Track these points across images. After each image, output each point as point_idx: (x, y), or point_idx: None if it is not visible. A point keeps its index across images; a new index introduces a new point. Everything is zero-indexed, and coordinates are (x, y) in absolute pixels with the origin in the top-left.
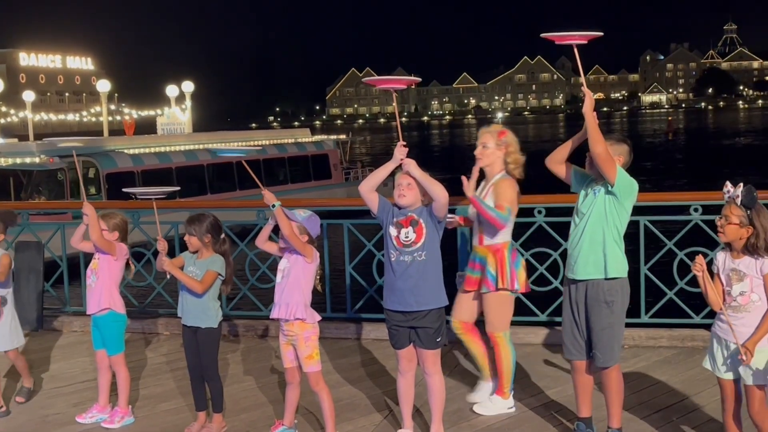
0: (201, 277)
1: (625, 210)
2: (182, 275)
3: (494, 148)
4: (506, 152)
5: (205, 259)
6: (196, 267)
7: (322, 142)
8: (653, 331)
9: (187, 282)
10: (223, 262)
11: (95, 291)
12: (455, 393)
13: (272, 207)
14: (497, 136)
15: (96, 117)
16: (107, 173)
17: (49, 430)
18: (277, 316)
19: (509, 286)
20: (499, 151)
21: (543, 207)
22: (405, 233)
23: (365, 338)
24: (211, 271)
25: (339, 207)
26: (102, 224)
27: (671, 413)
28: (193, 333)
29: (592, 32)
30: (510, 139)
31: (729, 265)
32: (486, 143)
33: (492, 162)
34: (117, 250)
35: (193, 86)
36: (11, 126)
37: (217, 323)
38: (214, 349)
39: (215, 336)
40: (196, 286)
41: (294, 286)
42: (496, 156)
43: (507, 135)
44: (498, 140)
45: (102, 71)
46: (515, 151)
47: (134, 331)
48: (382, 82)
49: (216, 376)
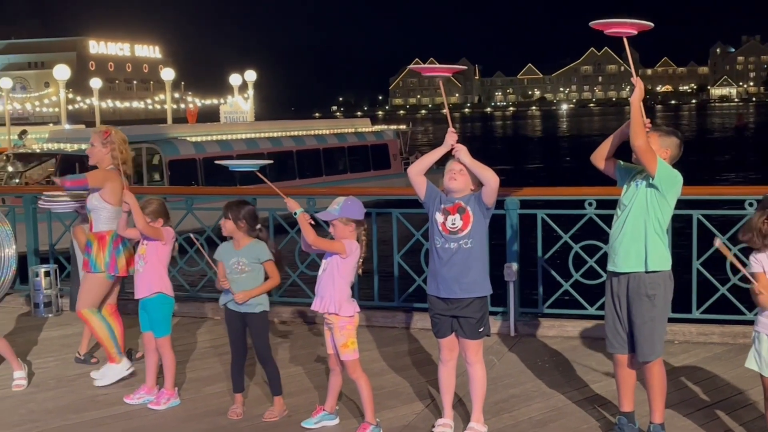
0: (248, 264)
1: (667, 203)
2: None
3: (100, 146)
4: (111, 149)
5: (248, 246)
6: (240, 256)
7: (382, 132)
8: (704, 326)
9: (266, 289)
10: (264, 245)
11: (144, 275)
12: (498, 384)
13: (295, 214)
14: (102, 135)
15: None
16: (170, 160)
17: (98, 409)
18: (314, 308)
19: (108, 270)
20: (105, 149)
21: (594, 199)
22: (452, 220)
23: (413, 327)
24: (270, 262)
25: (388, 196)
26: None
27: (717, 410)
28: (240, 318)
29: (642, 22)
30: (114, 138)
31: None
32: (93, 142)
33: (101, 159)
34: (165, 235)
35: (255, 75)
36: (80, 112)
37: (267, 307)
38: (265, 334)
39: (265, 320)
40: (275, 282)
41: (328, 280)
42: (103, 153)
43: (111, 134)
44: (103, 139)
45: (168, 59)
46: (119, 148)
47: (184, 315)
48: (428, 69)
49: (270, 360)
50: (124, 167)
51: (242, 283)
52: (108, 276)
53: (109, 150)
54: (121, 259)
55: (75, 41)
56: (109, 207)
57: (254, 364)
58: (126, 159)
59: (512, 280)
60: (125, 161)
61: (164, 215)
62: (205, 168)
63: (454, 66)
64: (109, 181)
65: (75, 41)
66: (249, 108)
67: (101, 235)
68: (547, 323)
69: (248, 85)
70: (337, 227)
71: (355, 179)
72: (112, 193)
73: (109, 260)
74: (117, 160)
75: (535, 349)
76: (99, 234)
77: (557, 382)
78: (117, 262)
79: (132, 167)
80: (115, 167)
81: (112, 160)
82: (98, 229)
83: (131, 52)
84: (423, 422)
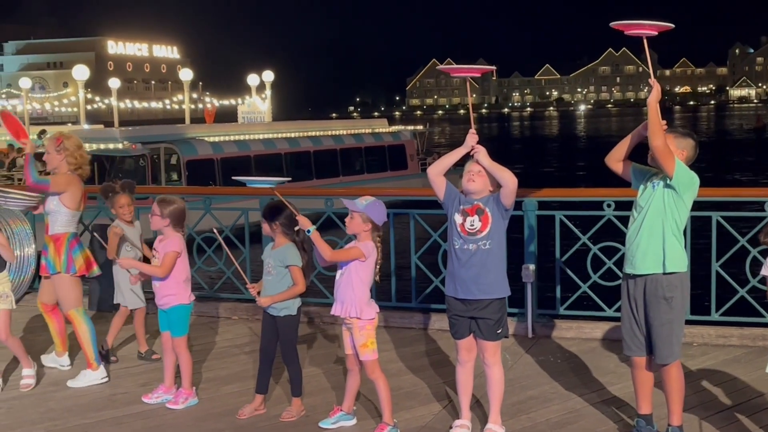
0: (274, 266)
1: (684, 204)
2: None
3: (54, 153)
4: (66, 155)
5: (279, 249)
6: (270, 257)
7: (399, 132)
8: (724, 329)
9: (289, 296)
10: (296, 250)
11: (161, 289)
12: (515, 385)
13: (308, 232)
14: (55, 143)
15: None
16: (188, 160)
17: (116, 408)
18: (334, 313)
19: (66, 270)
20: (59, 156)
21: (613, 201)
22: (470, 221)
23: (430, 328)
24: (295, 267)
25: (405, 197)
26: (156, 210)
27: (737, 413)
28: (273, 319)
29: (663, 23)
30: (68, 144)
31: None
32: (48, 149)
33: (57, 165)
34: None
35: (273, 76)
36: (99, 112)
37: (296, 310)
38: (294, 335)
39: (294, 323)
40: (298, 290)
41: (347, 285)
42: (58, 160)
43: (63, 142)
44: (56, 146)
45: (187, 60)
46: (73, 154)
47: (202, 315)
48: (458, 70)
49: (295, 361)
50: (80, 171)
51: (267, 284)
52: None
53: (64, 156)
54: (79, 259)
55: (93, 41)
56: (67, 211)
57: (275, 365)
58: (82, 163)
59: (530, 281)
60: (81, 165)
61: (174, 218)
62: (223, 168)
63: (483, 66)
64: (71, 185)
65: (93, 41)
66: (266, 108)
67: (57, 237)
68: (565, 325)
69: (266, 85)
70: (355, 220)
71: (372, 180)
72: (71, 198)
73: (66, 260)
74: (72, 165)
75: (552, 351)
76: (55, 236)
77: (575, 384)
78: (74, 262)
79: (88, 171)
80: (72, 172)
81: (68, 166)
82: (54, 232)
83: (149, 52)
84: (440, 423)
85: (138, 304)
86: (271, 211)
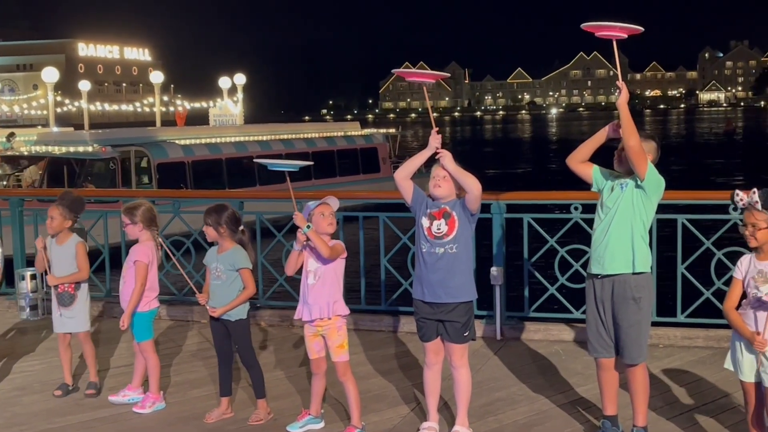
0: (224, 271)
1: (651, 205)
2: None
3: None
4: None
5: (225, 253)
6: (218, 262)
7: (371, 135)
8: (689, 330)
9: (243, 300)
10: (244, 252)
11: (123, 294)
12: (483, 387)
13: (304, 231)
14: None
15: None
16: (158, 163)
17: (83, 412)
18: (303, 318)
19: None
20: None
21: (580, 203)
22: (437, 225)
23: (399, 331)
24: (245, 270)
25: (376, 200)
26: (126, 219)
27: (701, 413)
28: (223, 324)
29: (633, 26)
30: None
31: (755, 268)
32: None
33: None
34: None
35: (245, 79)
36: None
37: (246, 314)
38: (247, 338)
39: (247, 326)
40: (249, 293)
41: (321, 288)
42: None
43: None
44: None
45: (158, 62)
46: None
47: (171, 318)
48: (412, 75)
49: (255, 363)
50: None
51: (218, 289)
52: None
53: None
54: None
55: (64, 43)
56: None
57: (239, 368)
58: None
59: (498, 283)
60: None
61: (145, 220)
62: (194, 171)
63: (438, 72)
64: None
65: (64, 43)
66: (238, 111)
67: None
68: (533, 327)
69: (238, 88)
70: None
71: (344, 182)
72: None
73: None
74: None
75: (520, 353)
76: None
77: (542, 386)
78: None
79: None
80: None
81: None
82: None
83: (120, 54)
84: (408, 426)
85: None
86: (216, 212)
